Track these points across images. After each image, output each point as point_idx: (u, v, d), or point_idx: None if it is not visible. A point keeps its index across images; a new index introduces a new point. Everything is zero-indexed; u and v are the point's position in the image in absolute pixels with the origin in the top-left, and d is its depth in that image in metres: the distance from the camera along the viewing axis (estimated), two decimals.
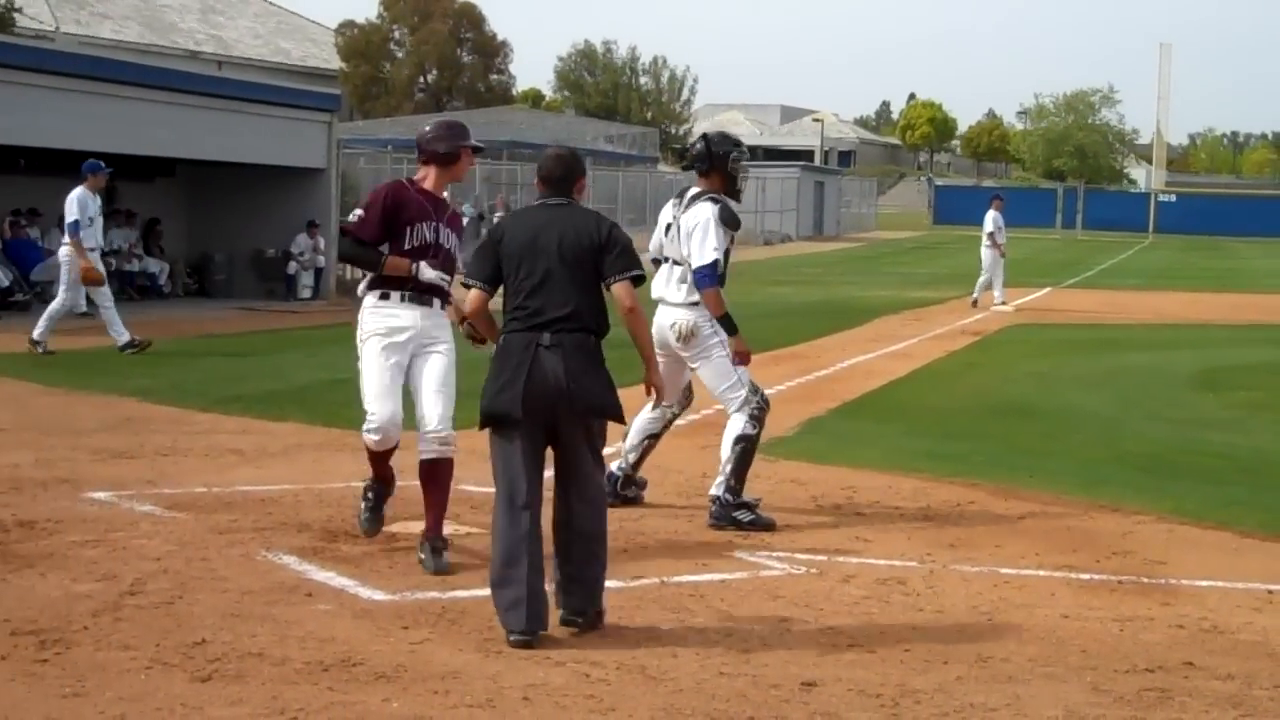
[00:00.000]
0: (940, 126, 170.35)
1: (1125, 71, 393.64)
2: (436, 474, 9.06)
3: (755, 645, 7.57)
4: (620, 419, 7.92)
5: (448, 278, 9.10)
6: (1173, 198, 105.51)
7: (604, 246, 7.81)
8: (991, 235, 31.64)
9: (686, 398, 11.16)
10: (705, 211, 10.50)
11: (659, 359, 10.00)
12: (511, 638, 7.39)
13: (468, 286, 8.04)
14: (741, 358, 10.66)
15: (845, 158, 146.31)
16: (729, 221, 10.55)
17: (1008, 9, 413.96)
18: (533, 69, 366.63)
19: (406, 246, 8.96)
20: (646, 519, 10.42)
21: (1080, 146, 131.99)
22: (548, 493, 7.82)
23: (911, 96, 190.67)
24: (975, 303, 31.51)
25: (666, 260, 10.73)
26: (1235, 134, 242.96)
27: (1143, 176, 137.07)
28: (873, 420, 15.60)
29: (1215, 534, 10.49)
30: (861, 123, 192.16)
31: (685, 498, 11.16)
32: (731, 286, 10.84)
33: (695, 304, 10.50)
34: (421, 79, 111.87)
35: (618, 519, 10.28)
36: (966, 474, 12.32)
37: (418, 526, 9.35)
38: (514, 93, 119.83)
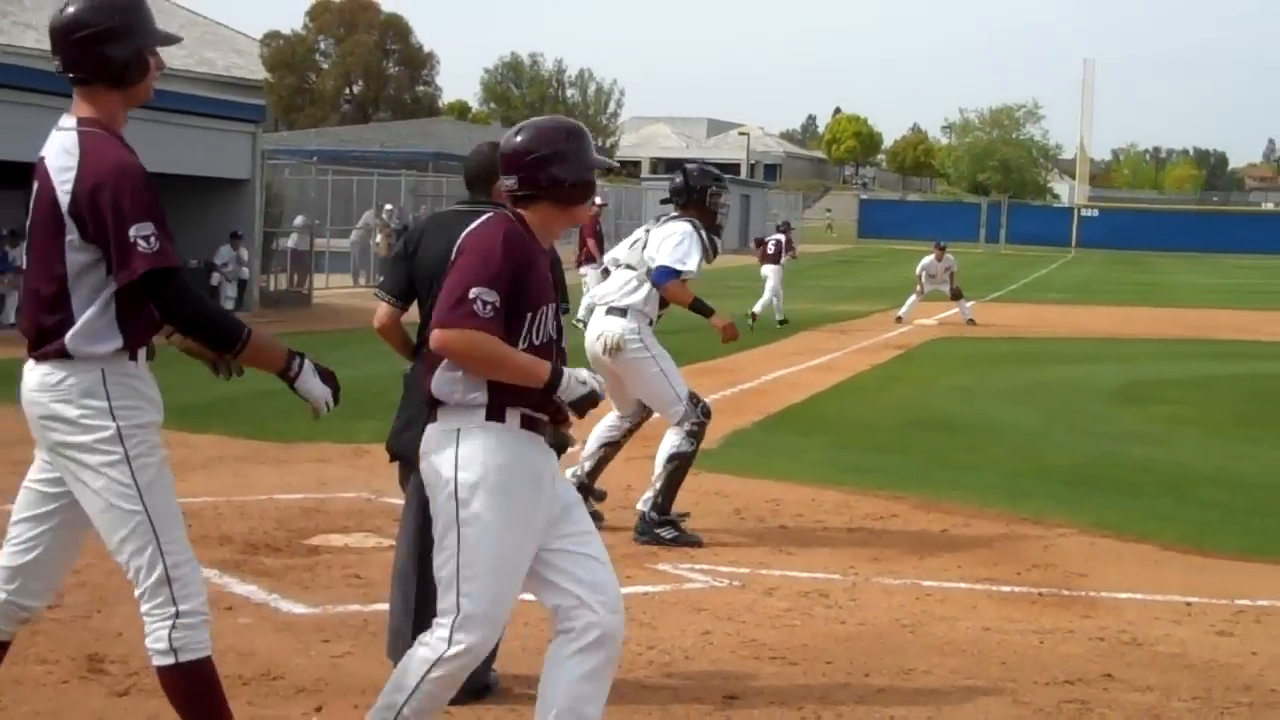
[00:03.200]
0: (866, 140, 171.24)
1: (1049, 87, 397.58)
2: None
3: (678, 658, 7.56)
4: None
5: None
6: (1095, 212, 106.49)
7: None
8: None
9: (645, 407, 10.76)
10: (686, 226, 10.39)
11: (600, 373, 10.11)
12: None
13: (379, 299, 7.22)
14: (728, 331, 10.94)
15: (771, 171, 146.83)
16: (707, 247, 10.47)
17: (933, 25, 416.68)
18: (459, 81, 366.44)
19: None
20: None
21: (1004, 161, 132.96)
22: None
23: (837, 110, 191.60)
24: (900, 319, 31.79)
25: (618, 265, 10.54)
26: (1157, 149, 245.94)
27: (1066, 191, 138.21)
28: (797, 433, 15.63)
29: (1136, 547, 10.56)
30: (787, 136, 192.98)
31: (609, 509, 11.12)
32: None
33: (625, 312, 10.28)
34: (347, 90, 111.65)
35: None
36: (890, 487, 12.36)
37: (340, 540, 9.31)
38: (440, 104, 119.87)
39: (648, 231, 10.58)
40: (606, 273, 10.80)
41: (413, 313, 6.95)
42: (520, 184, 5.35)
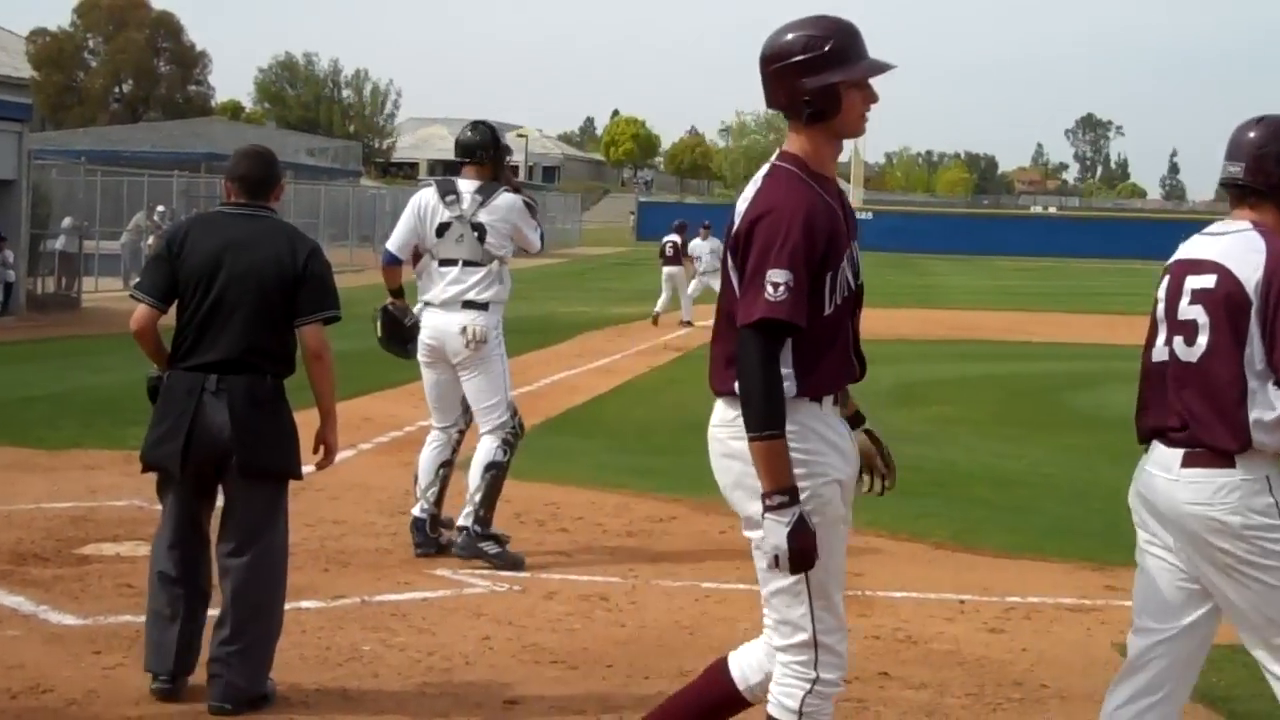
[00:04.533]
0: (644, 143, 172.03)
1: None
2: None
3: (458, 664, 7.53)
4: (296, 476, 6.96)
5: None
6: (869, 215, 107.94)
7: (299, 278, 6.70)
8: (689, 256, 32.60)
9: (465, 414, 10.36)
10: (515, 201, 10.09)
11: (433, 373, 10.14)
12: (153, 686, 6.74)
13: (135, 299, 6.86)
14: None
15: (550, 173, 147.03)
16: (533, 209, 10.42)
17: (710, 27, 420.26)
18: (232, 80, 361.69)
19: (828, 310, 4.94)
20: (348, 538, 10.30)
21: None
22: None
23: (615, 113, 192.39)
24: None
25: (453, 262, 9.94)
26: (930, 153, 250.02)
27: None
28: (576, 436, 15.65)
29: (909, 545, 10.74)
30: (565, 138, 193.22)
31: (387, 515, 11.06)
32: None
33: (487, 307, 9.94)
34: (117, 89, 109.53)
35: (319, 537, 10.17)
36: (669, 489, 12.41)
37: (112, 549, 9.13)
38: (213, 104, 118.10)
39: (464, 215, 9.93)
40: (395, 261, 10.23)
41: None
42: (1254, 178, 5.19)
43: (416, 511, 10.05)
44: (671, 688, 7.23)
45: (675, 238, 32.84)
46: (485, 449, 10.01)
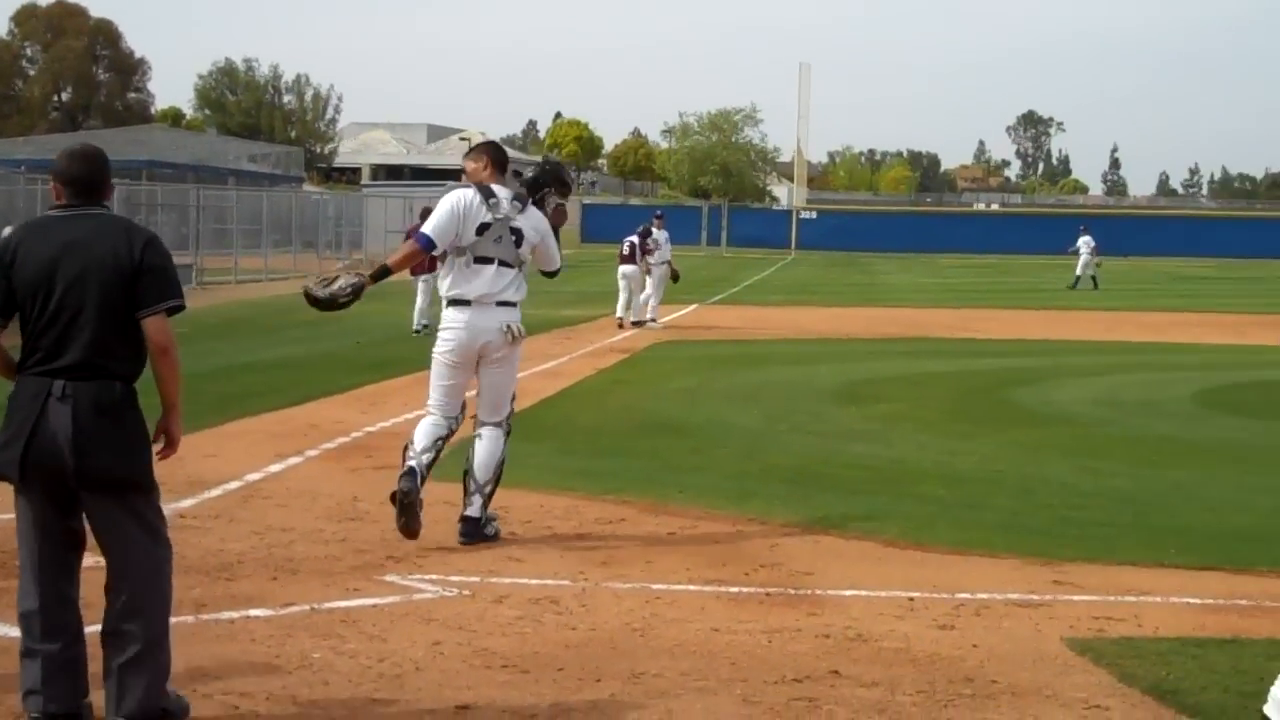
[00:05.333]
0: (587, 145, 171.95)
1: (767, 91, 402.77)
2: None
3: (408, 670, 7.49)
4: (145, 487, 6.49)
5: None
6: (813, 215, 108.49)
7: (137, 270, 6.32)
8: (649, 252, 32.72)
9: (462, 413, 10.97)
10: (543, 219, 10.80)
11: (454, 371, 10.70)
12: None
13: None
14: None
15: None
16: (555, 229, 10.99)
17: (651, 28, 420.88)
18: (172, 87, 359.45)
19: None
20: (296, 545, 10.24)
21: (724, 165, 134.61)
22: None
23: (558, 115, 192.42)
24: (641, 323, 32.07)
25: (489, 261, 10.50)
26: (873, 152, 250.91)
27: (785, 194, 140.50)
28: (523, 439, 15.53)
29: (859, 544, 10.74)
30: (509, 141, 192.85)
31: (335, 521, 11.01)
32: (379, 306, 10.76)
33: (516, 306, 10.67)
34: (56, 97, 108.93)
35: (267, 545, 10.12)
36: (617, 491, 12.40)
37: None
38: (153, 111, 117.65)
39: (501, 218, 10.54)
40: (438, 257, 10.83)
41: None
42: None
43: (412, 463, 10.51)
44: (623, 690, 7.25)
45: (634, 239, 32.84)
46: (493, 445, 10.80)
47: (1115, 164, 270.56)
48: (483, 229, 10.46)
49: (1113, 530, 11.28)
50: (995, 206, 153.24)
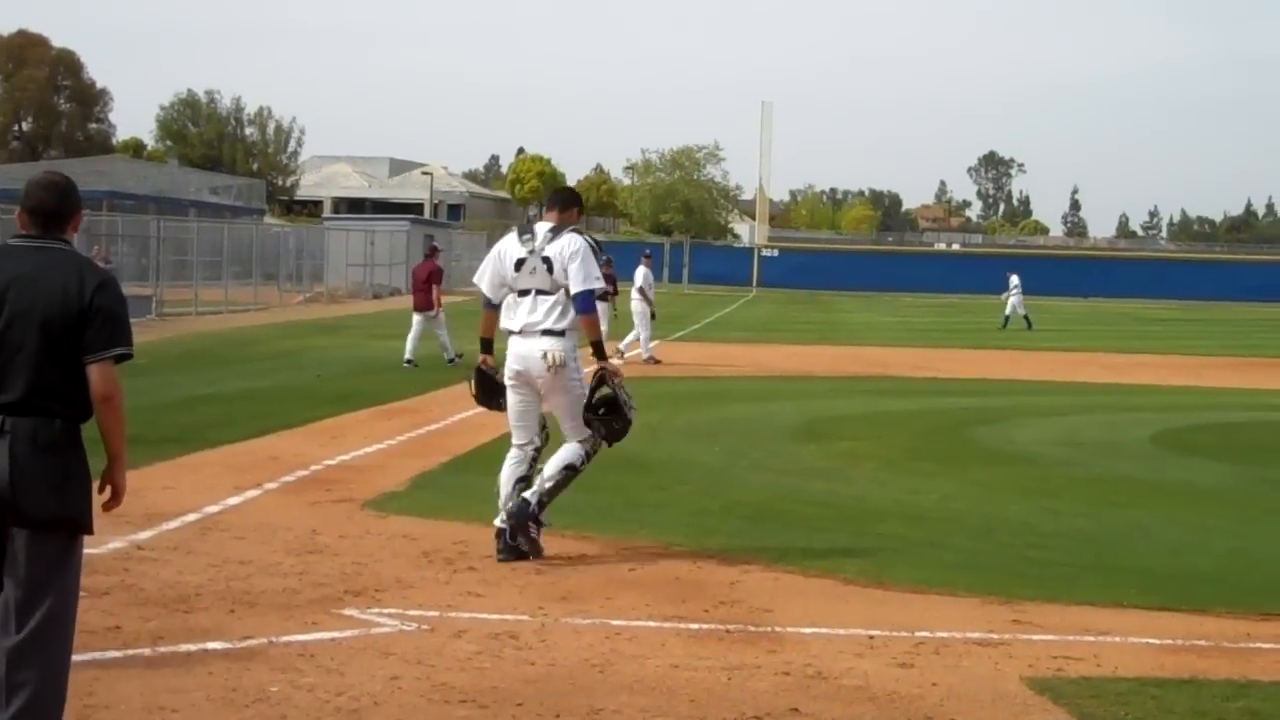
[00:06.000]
0: (549, 180, 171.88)
1: (729, 129, 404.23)
2: None
3: (366, 704, 7.45)
4: (84, 530, 6.19)
5: None
6: (775, 252, 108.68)
7: (86, 312, 6.06)
8: (641, 290, 33.56)
9: (545, 431, 11.61)
10: (578, 241, 11.20)
11: (517, 395, 11.41)
12: None
13: None
14: (619, 374, 11.55)
15: (455, 211, 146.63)
16: (599, 251, 11.47)
17: (614, 65, 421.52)
18: (134, 118, 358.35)
19: None
20: (254, 578, 10.18)
21: (686, 202, 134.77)
22: None
23: (520, 150, 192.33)
24: (622, 354, 32.14)
25: (527, 292, 11.19)
26: (834, 190, 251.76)
27: (746, 232, 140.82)
28: (485, 474, 15.48)
29: (819, 581, 10.73)
30: (471, 176, 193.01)
31: (294, 554, 10.96)
32: (340, 340, 10.76)
33: (563, 334, 11.17)
34: (16, 127, 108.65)
35: (225, 578, 10.07)
36: (579, 526, 12.36)
37: None
38: (114, 142, 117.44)
39: (534, 250, 11.24)
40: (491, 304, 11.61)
41: None
42: None
43: (497, 522, 11.21)
44: None
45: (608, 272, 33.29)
46: (570, 450, 11.40)
47: (1075, 205, 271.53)
48: (519, 264, 11.22)
49: (1073, 570, 11.29)
50: (956, 246, 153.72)
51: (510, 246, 11.39)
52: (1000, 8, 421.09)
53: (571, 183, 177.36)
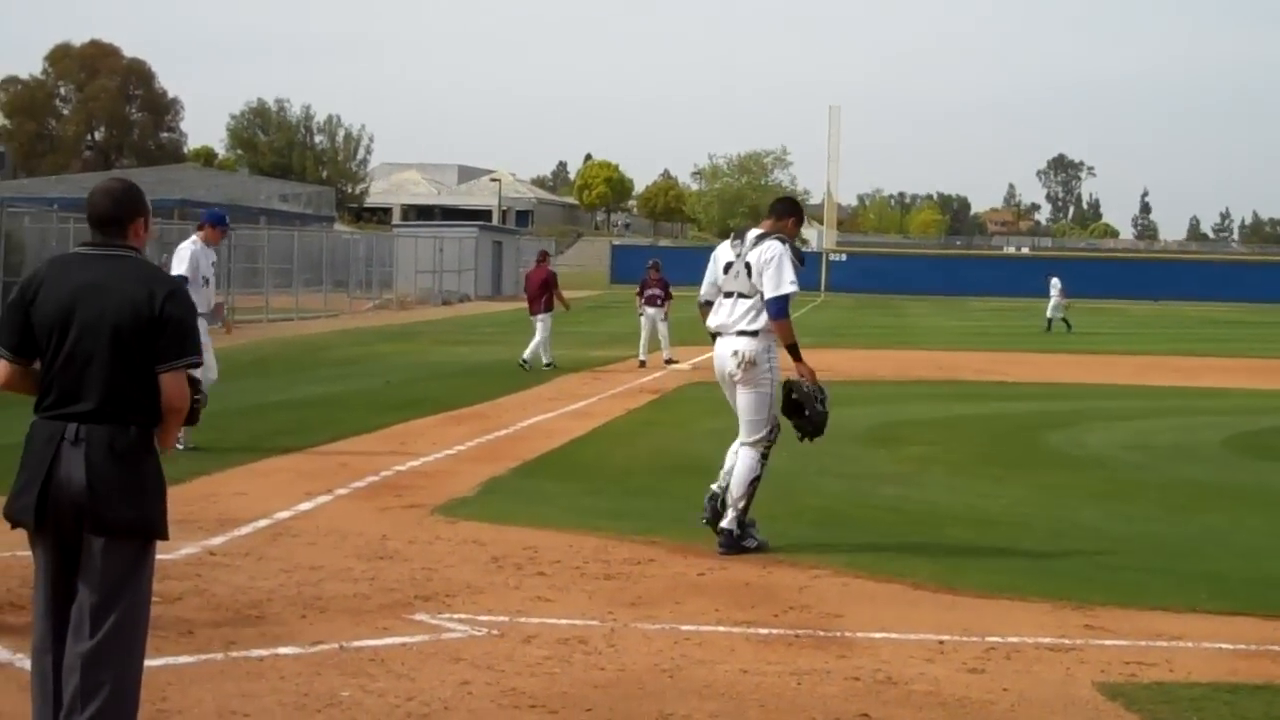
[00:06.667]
0: (616, 186, 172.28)
1: (797, 133, 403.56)
2: None
3: (436, 709, 7.48)
4: (160, 536, 6.21)
5: None
6: (843, 257, 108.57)
7: (156, 323, 6.05)
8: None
9: (776, 423, 12.18)
10: (777, 248, 11.78)
11: (726, 392, 12.25)
12: None
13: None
14: (810, 375, 12.27)
15: (523, 217, 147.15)
16: (798, 258, 11.91)
17: (683, 71, 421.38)
18: (205, 127, 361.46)
19: None
20: (325, 583, 10.24)
21: (754, 207, 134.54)
22: None
23: (588, 157, 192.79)
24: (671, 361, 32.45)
25: (730, 295, 11.90)
26: (902, 195, 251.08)
27: (814, 236, 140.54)
28: (553, 479, 15.61)
29: (889, 586, 10.70)
30: (539, 182, 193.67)
31: (365, 560, 11.00)
32: (409, 346, 10.80)
33: (757, 335, 11.81)
34: (90, 136, 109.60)
35: (296, 583, 10.13)
36: (647, 532, 12.38)
37: None
38: (185, 150, 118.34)
39: (739, 255, 11.94)
40: (708, 304, 12.25)
41: None
42: None
43: (714, 486, 12.07)
44: None
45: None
46: (747, 463, 11.93)
47: (1146, 208, 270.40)
48: (727, 268, 11.97)
49: (1144, 575, 11.23)
50: (1025, 250, 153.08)
51: (722, 252, 12.15)
52: (1070, 8, 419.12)
53: (639, 189, 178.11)
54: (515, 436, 19.23)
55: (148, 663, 6.40)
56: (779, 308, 11.74)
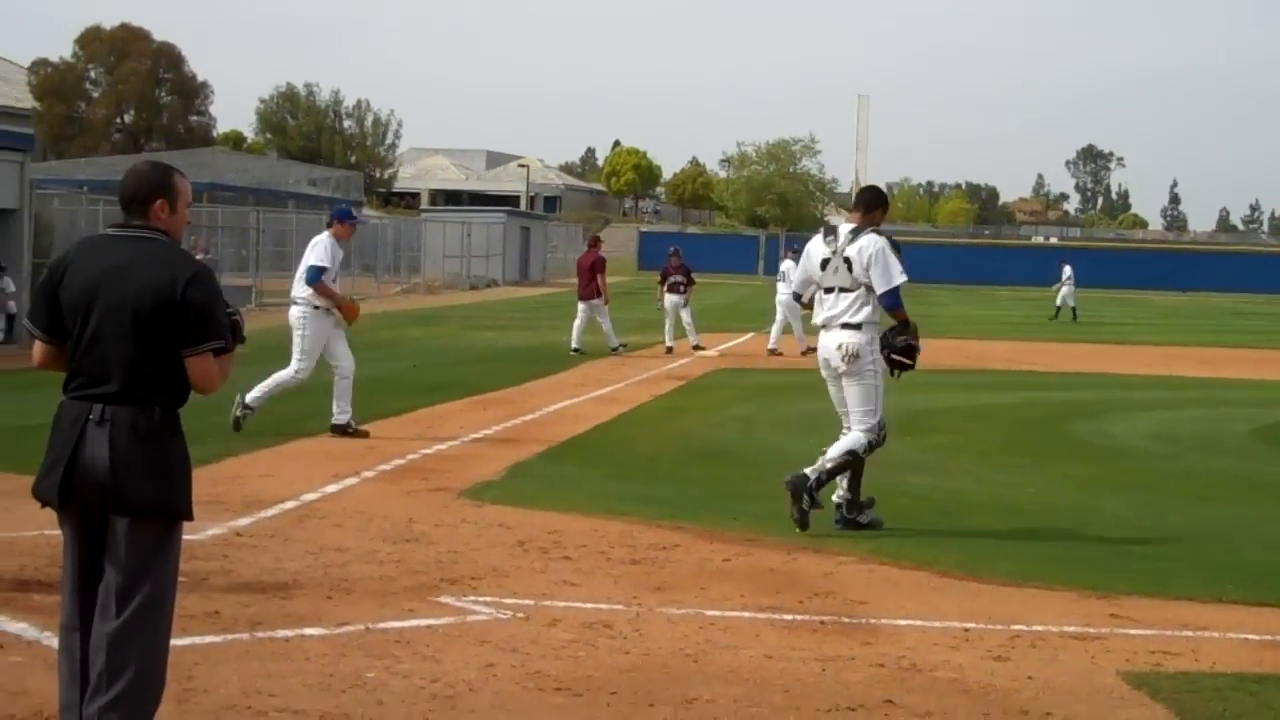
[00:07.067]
0: (645, 173, 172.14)
1: (825, 122, 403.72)
2: None
3: (461, 691, 7.50)
4: (183, 517, 6.17)
5: None
6: None
7: (179, 306, 6.01)
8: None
9: (884, 424, 12.44)
10: (877, 242, 12.15)
11: (830, 384, 12.57)
12: None
13: (32, 334, 6.31)
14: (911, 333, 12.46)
15: (551, 203, 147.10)
16: (898, 249, 12.30)
17: (711, 59, 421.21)
18: (234, 110, 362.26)
19: None
20: (351, 565, 10.27)
21: (782, 195, 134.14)
22: None
23: (616, 143, 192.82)
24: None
25: (831, 290, 12.28)
26: (931, 183, 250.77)
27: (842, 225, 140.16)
28: (579, 464, 15.63)
29: (914, 574, 10.70)
30: (567, 169, 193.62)
31: (390, 542, 11.04)
32: (436, 330, 10.81)
33: (860, 327, 12.16)
34: (119, 119, 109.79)
35: (322, 565, 10.16)
36: (672, 517, 12.39)
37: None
38: (215, 134, 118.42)
39: (836, 251, 12.30)
40: (797, 297, 13.20)
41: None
42: None
43: (835, 498, 12.29)
44: (676, 715, 7.23)
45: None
46: (854, 437, 12.24)
47: (1175, 199, 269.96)
48: (824, 264, 12.35)
49: (1170, 565, 11.21)
50: (1054, 240, 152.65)
51: (816, 247, 12.52)
52: None
53: (667, 175, 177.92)
54: (541, 421, 19.26)
55: (174, 642, 6.41)
56: (893, 300, 12.17)
